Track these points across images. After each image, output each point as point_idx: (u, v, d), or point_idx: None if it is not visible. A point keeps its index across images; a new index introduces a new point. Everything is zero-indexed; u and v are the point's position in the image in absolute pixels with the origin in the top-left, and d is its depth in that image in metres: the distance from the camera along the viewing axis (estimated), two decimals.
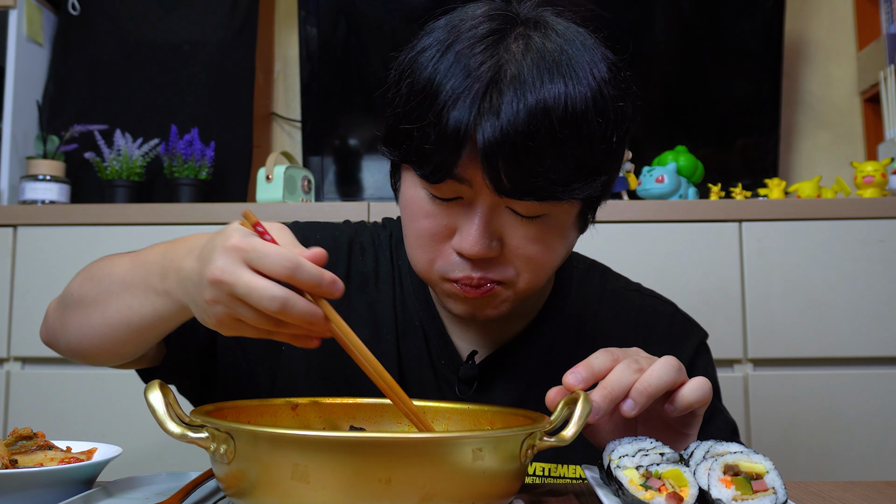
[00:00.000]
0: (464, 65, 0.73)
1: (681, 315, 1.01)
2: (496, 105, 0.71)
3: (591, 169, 0.75)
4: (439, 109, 0.73)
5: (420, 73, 0.76)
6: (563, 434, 0.65)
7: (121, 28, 2.20)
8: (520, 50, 0.74)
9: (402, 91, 0.78)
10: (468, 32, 0.76)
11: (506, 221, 0.78)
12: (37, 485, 0.70)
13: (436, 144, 0.74)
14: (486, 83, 0.72)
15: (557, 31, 0.77)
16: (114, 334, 0.80)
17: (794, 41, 2.33)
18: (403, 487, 0.57)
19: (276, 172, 1.92)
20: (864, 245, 1.74)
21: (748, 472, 0.64)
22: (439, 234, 0.79)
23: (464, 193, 0.77)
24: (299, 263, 0.63)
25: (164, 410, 0.60)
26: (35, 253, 1.83)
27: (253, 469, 0.59)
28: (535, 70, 0.72)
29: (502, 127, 0.71)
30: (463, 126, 0.72)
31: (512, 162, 0.72)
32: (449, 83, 0.73)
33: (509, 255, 0.79)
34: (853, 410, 1.71)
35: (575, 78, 0.73)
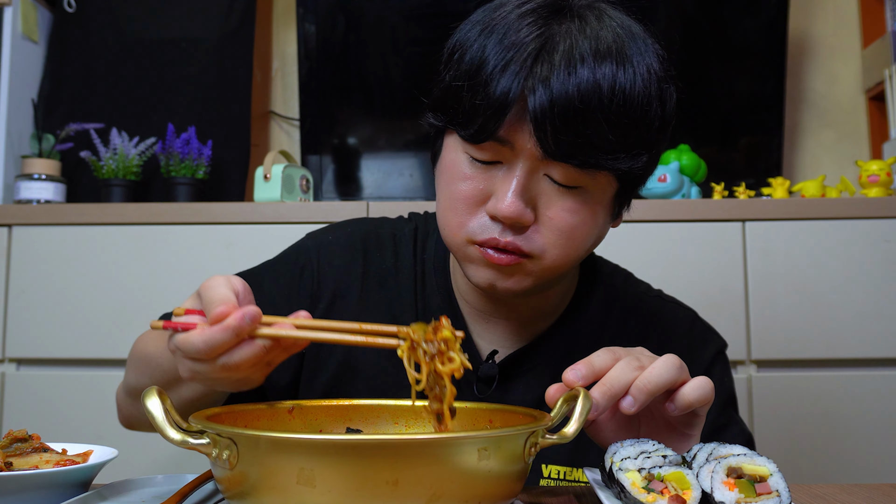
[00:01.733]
0: (514, 34, 0.78)
1: (700, 322, 1.02)
2: (546, 73, 0.75)
3: (633, 143, 0.78)
4: (488, 73, 0.77)
5: (471, 45, 0.80)
6: (565, 431, 0.65)
7: (117, 25, 2.20)
8: (575, 28, 0.78)
9: (453, 62, 0.82)
10: (519, 9, 0.80)
11: (542, 189, 0.80)
12: (32, 487, 0.70)
13: (483, 106, 0.77)
14: (535, 52, 0.76)
15: (612, 17, 0.81)
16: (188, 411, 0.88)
17: (798, 39, 2.33)
18: (410, 489, 0.57)
19: (275, 171, 1.92)
20: (868, 245, 1.74)
21: (751, 475, 0.64)
22: (474, 197, 0.81)
23: (504, 157, 0.80)
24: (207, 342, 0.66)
25: (163, 417, 0.60)
26: (30, 253, 1.83)
27: (256, 474, 0.59)
28: (588, 48, 0.76)
29: (554, 93, 0.75)
30: (512, 90, 0.76)
31: (560, 125, 0.75)
32: (496, 51, 0.78)
33: (541, 226, 0.80)
34: (858, 412, 1.71)
35: (627, 63, 0.77)
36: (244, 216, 1.82)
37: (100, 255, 1.82)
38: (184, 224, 1.82)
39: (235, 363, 0.68)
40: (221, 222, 1.82)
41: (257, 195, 1.93)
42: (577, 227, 0.81)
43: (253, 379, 0.71)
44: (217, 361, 0.68)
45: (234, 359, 0.68)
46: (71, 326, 1.81)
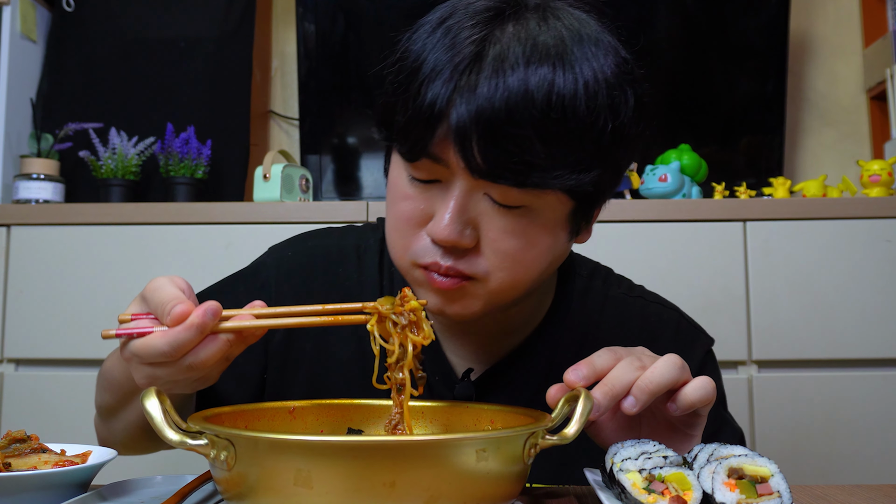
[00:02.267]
0: (450, 40, 0.72)
1: (686, 322, 0.99)
2: (473, 82, 0.70)
3: (578, 159, 0.72)
4: (419, 84, 0.72)
5: (410, 49, 0.75)
6: (566, 432, 0.65)
7: (116, 25, 2.20)
8: (511, 31, 0.72)
9: (394, 68, 0.77)
10: (465, 9, 0.75)
11: (483, 209, 0.74)
12: (31, 488, 0.70)
13: (412, 120, 0.72)
14: (468, 59, 0.71)
15: (561, 18, 0.74)
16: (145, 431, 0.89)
17: (799, 38, 2.33)
18: (408, 490, 0.57)
19: (274, 171, 1.92)
20: (870, 245, 1.74)
21: (753, 476, 0.64)
22: (415, 218, 0.77)
23: (441, 175, 0.75)
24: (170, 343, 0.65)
25: (162, 418, 0.60)
26: (29, 253, 1.83)
27: (254, 475, 0.59)
28: (521, 52, 0.70)
29: (478, 104, 0.69)
30: (438, 101, 0.71)
31: (486, 140, 0.70)
32: (432, 57, 0.72)
33: (484, 248, 0.75)
34: (859, 413, 1.71)
35: (566, 66, 0.70)
36: (243, 216, 1.82)
37: (99, 255, 1.82)
38: (183, 224, 1.82)
39: (201, 361, 0.67)
40: (221, 222, 1.82)
41: (257, 195, 1.93)
42: (521, 250, 0.75)
43: (211, 376, 0.71)
44: (183, 362, 0.67)
45: (201, 357, 0.67)
46: (70, 327, 1.81)
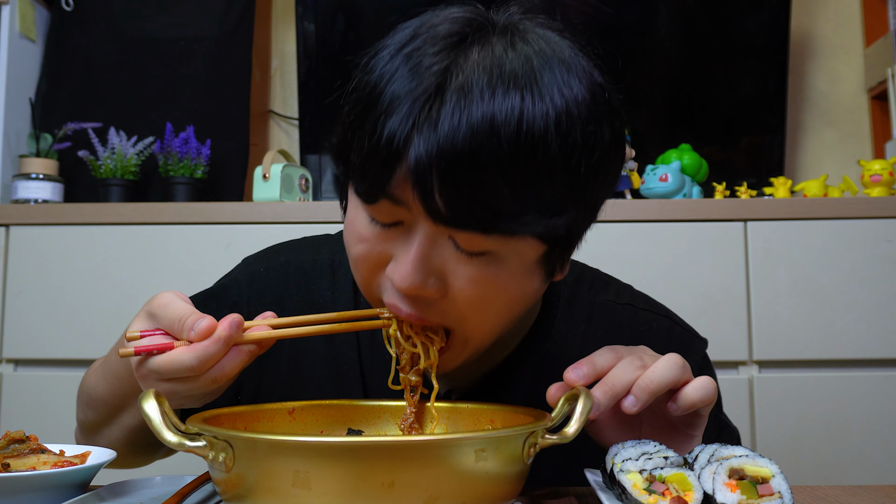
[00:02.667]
0: (410, 69, 0.65)
1: (678, 328, 0.95)
2: (434, 116, 0.63)
3: (550, 202, 0.66)
4: (376, 117, 0.65)
5: (368, 77, 0.68)
6: (565, 431, 0.65)
7: (115, 24, 2.20)
8: (475, 58, 0.65)
9: (351, 96, 0.71)
10: (427, 33, 0.68)
11: (447, 256, 0.68)
12: (29, 489, 0.70)
13: (369, 157, 0.66)
14: (428, 91, 0.64)
15: (529, 40, 0.68)
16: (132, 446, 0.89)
17: (800, 37, 2.33)
18: (407, 491, 0.57)
19: (273, 171, 1.92)
20: (871, 245, 1.74)
21: (754, 476, 0.64)
22: (375, 261, 0.71)
23: (403, 218, 0.68)
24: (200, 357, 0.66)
25: (160, 419, 0.60)
26: (28, 253, 1.83)
27: (253, 476, 0.59)
28: (485, 80, 0.64)
29: (439, 141, 0.62)
30: (396, 138, 0.64)
31: (448, 182, 0.63)
32: (390, 89, 0.65)
33: (452, 297, 0.70)
34: (860, 413, 1.71)
35: (536, 93, 0.64)
36: (243, 216, 1.82)
37: (98, 255, 1.82)
38: (182, 224, 1.82)
39: (225, 373, 0.67)
40: (220, 222, 1.82)
41: (256, 195, 1.93)
42: (488, 300, 0.70)
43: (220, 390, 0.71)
44: (208, 375, 0.67)
45: (225, 369, 0.67)
46: (69, 327, 1.81)
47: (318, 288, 0.92)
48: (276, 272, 0.93)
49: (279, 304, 0.92)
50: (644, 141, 2.10)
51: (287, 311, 0.91)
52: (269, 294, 0.92)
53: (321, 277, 0.92)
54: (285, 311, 0.90)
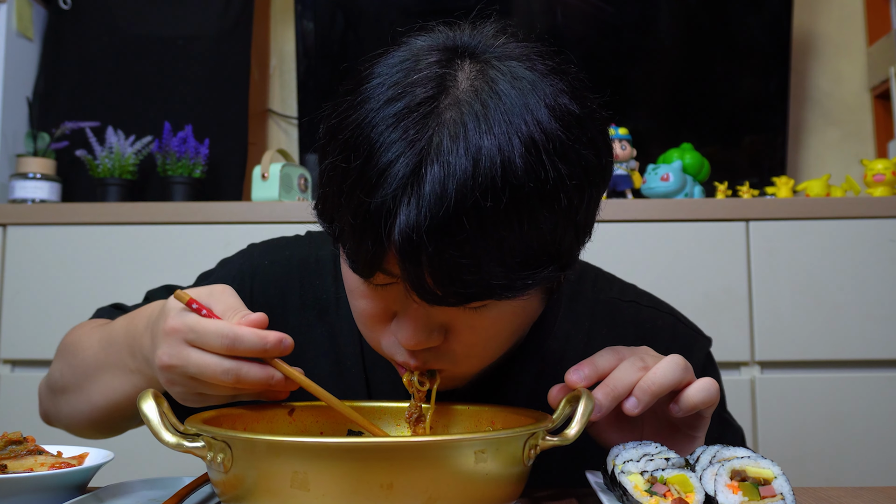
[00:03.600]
0: (394, 139, 0.63)
1: (682, 326, 0.95)
2: (418, 194, 0.61)
3: (541, 256, 0.65)
4: (363, 194, 0.63)
5: (351, 143, 0.65)
6: (567, 433, 0.65)
7: (113, 23, 2.20)
8: (450, 117, 0.63)
9: (332, 161, 0.67)
10: (408, 94, 0.65)
11: (447, 311, 0.68)
12: (27, 490, 0.70)
13: (358, 237, 0.65)
14: (412, 166, 0.62)
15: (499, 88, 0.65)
16: (104, 414, 0.86)
17: (802, 36, 2.33)
18: (405, 492, 0.57)
19: (272, 170, 1.92)
20: (874, 245, 1.74)
21: (755, 478, 0.64)
22: (378, 316, 0.72)
23: (399, 280, 0.67)
24: (237, 336, 0.66)
25: (159, 420, 0.61)
26: (25, 253, 1.83)
27: (251, 477, 0.59)
28: (461, 148, 0.62)
29: (422, 222, 0.61)
30: (384, 218, 0.62)
31: (436, 266, 0.62)
32: (374, 163, 0.63)
33: (454, 343, 0.71)
34: (863, 414, 1.71)
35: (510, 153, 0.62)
36: (242, 216, 1.82)
37: (95, 255, 1.82)
38: (181, 224, 1.82)
39: (245, 377, 0.67)
40: (219, 222, 1.82)
41: (255, 194, 1.93)
42: (492, 338, 0.72)
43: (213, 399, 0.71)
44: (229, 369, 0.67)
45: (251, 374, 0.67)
46: (66, 327, 1.79)
47: (321, 283, 0.92)
48: (281, 266, 0.93)
49: (281, 297, 0.92)
50: (645, 140, 2.10)
51: (289, 305, 0.91)
52: (272, 288, 0.93)
53: (324, 273, 0.92)
54: (287, 306, 0.91)
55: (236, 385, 0.68)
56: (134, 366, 0.79)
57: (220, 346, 0.66)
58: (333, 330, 0.90)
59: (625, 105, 2.13)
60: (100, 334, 0.86)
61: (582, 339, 0.90)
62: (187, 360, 0.68)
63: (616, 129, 1.93)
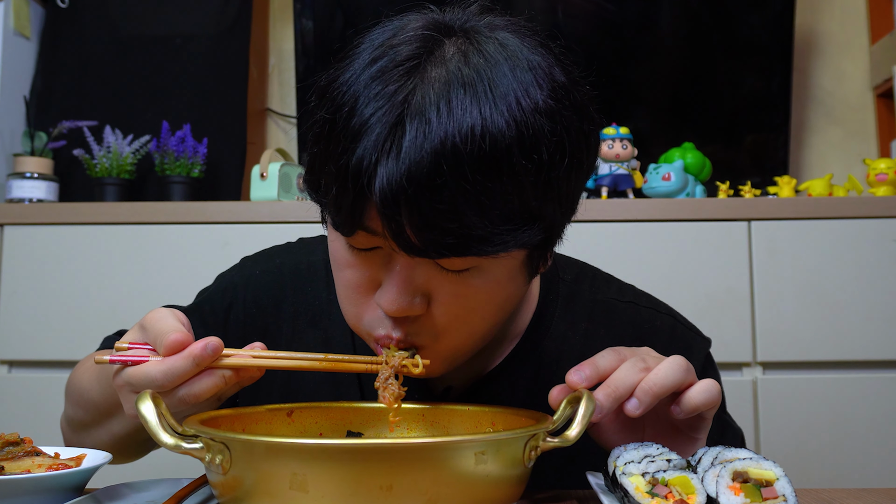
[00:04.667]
0: (377, 93, 0.65)
1: (681, 327, 0.95)
2: (397, 146, 0.63)
3: (522, 214, 0.66)
4: (343, 149, 0.65)
5: (337, 100, 0.67)
6: (567, 434, 0.65)
7: (110, 21, 2.20)
8: (436, 77, 0.65)
9: (317, 121, 0.69)
10: (388, 56, 0.67)
11: (431, 275, 0.69)
12: (24, 492, 0.70)
13: (339, 191, 0.66)
14: (391, 121, 0.63)
15: (485, 50, 0.67)
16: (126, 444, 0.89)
17: (805, 35, 2.33)
18: (405, 494, 0.57)
19: (271, 170, 1.92)
20: (877, 245, 1.74)
21: (758, 479, 0.64)
22: (362, 286, 0.73)
23: (381, 243, 0.69)
24: (167, 372, 0.67)
25: (157, 421, 0.61)
26: (22, 253, 1.83)
27: (250, 479, 0.59)
28: (443, 102, 0.63)
29: (402, 171, 0.62)
30: (364, 170, 0.64)
31: (416, 213, 0.63)
32: (355, 119, 0.65)
33: (435, 312, 0.71)
34: (866, 415, 1.71)
35: (494, 107, 0.63)
36: (240, 215, 1.82)
37: (93, 255, 1.82)
38: (179, 224, 1.82)
39: (195, 394, 0.68)
40: (217, 222, 1.82)
41: (254, 194, 1.93)
42: (474, 310, 0.72)
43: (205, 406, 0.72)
44: (176, 393, 0.68)
45: (194, 390, 0.68)
46: (64, 328, 1.81)
47: (313, 290, 0.93)
48: (272, 275, 0.94)
49: (275, 306, 0.93)
50: (647, 139, 2.10)
51: (283, 313, 0.92)
52: (265, 297, 0.93)
53: (316, 279, 0.93)
54: (281, 314, 0.92)
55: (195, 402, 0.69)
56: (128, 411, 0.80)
57: (160, 387, 0.67)
58: (326, 335, 0.90)
59: (626, 104, 2.13)
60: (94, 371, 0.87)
61: (579, 339, 0.90)
62: None
63: (617, 128, 1.93)
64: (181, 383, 0.68)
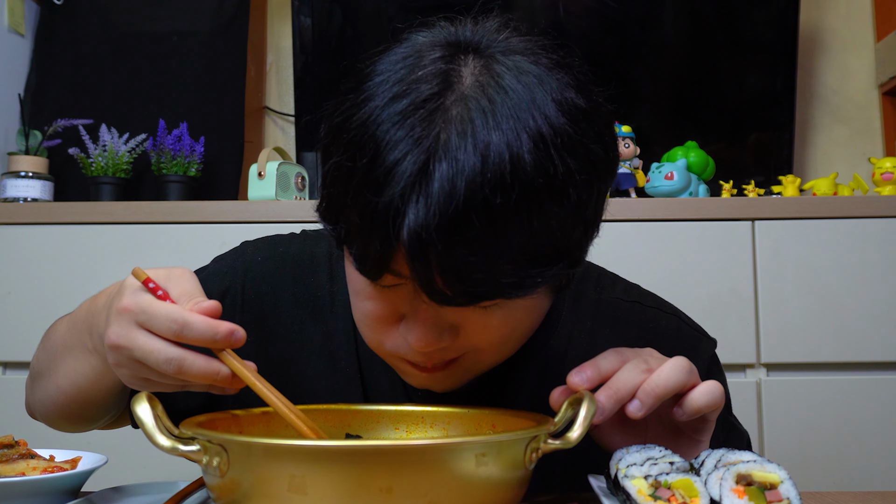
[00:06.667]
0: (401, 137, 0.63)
1: (686, 327, 0.95)
2: (427, 191, 0.62)
3: (551, 254, 0.66)
4: (370, 193, 0.63)
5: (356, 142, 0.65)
6: (569, 436, 0.65)
7: (106, 18, 2.20)
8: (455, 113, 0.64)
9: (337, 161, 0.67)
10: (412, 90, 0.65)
11: (458, 310, 0.68)
12: (18, 495, 0.70)
13: (365, 235, 0.65)
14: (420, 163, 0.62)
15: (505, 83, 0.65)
16: (68, 398, 0.84)
17: (809, 32, 2.33)
18: (405, 496, 0.57)
19: (269, 169, 1.92)
20: (882, 244, 1.74)
21: (762, 482, 0.64)
22: (385, 318, 0.72)
23: (406, 279, 0.67)
24: (186, 322, 0.64)
25: (153, 423, 0.60)
26: (17, 253, 1.83)
27: (248, 481, 0.59)
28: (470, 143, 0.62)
29: (431, 219, 0.61)
30: (392, 216, 0.62)
31: (446, 264, 0.63)
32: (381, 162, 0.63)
33: (465, 342, 0.72)
34: (871, 417, 1.71)
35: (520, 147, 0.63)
36: (238, 215, 1.82)
37: (89, 255, 1.82)
38: (175, 223, 1.82)
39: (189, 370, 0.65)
40: (214, 221, 1.82)
41: (251, 193, 1.93)
42: (507, 335, 0.73)
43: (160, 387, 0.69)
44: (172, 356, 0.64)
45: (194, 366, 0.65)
46: None
47: (315, 281, 0.92)
48: (274, 262, 0.93)
49: (274, 294, 0.92)
50: (649, 138, 2.11)
51: (282, 302, 0.91)
52: (265, 284, 0.92)
53: (319, 271, 0.92)
54: (280, 302, 0.91)
55: (178, 375, 0.66)
56: (91, 345, 0.77)
57: (169, 332, 0.64)
58: (328, 328, 0.89)
59: (628, 102, 2.13)
60: (69, 317, 0.85)
61: (585, 338, 0.90)
62: (134, 342, 0.66)
63: (619, 127, 1.94)
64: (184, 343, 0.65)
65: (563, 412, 0.69)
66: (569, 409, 0.69)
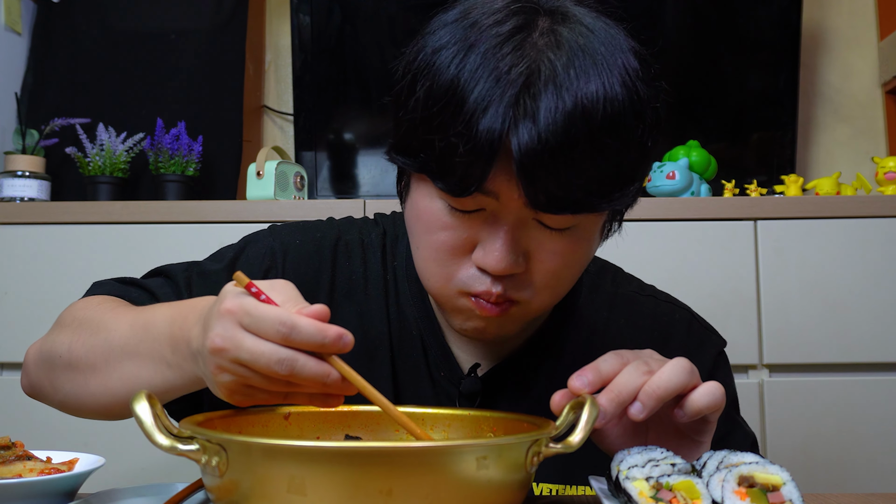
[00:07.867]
0: (492, 67, 0.70)
1: (697, 323, 0.99)
2: (532, 110, 0.69)
3: (628, 176, 0.74)
4: (468, 117, 0.70)
5: (440, 76, 0.72)
6: (570, 440, 0.65)
7: (104, 16, 2.20)
8: (550, 46, 0.72)
9: (418, 95, 0.74)
10: (491, 30, 0.73)
11: (533, 235, 0.76)
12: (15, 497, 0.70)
13: (465, 156, 0.70)
14: (519, 87, 0.69)
15: (585, 23, 0.75)
16: (117, 403, 0.81)
17: (812, 30, 2.33)
18: (405, 498, 0.57)
19: (268, 168, 1.92)
20: (885, 244, 1.74)
21: (764, 484, 0.64)
22: (459, 247, 0.77)
23: (488, 205, 0.74)
24: (294, 325, 0.62)
25: (152, 422, 0.60)
26: (14, 253, 1.83)
27: (247, 482, 0.59)
28: (571, 69, 0.70)
29: (540, 134, 0.68)
30: (496, 135, 0.69)
31: (550, 173, 0.70)
32: (477, 88, 0.70)
33: (531, 271, 0.77)
34: (874, 418, 1.71)
35: (609, 75, 0.71)
36: (236, 215, 1.82)
37: (86, 255, 1.82)
38: (173, 223, 1.82)
39: (301, 371, 0.62)
40: (213, 221, 1.82)
41: (250, 193, 1.93)
42: (568, 267, 0.79)
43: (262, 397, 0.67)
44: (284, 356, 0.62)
45: (307, 368, 0.63)
46: None
47: (350, 265, 0.95)
48: (312, 245, 0.95)
49: (313, 279, 0.94)
50: None
51: (322, 285, 0.94)
52: (305, 266, 0.94)
53: (353, 255, 0.96)
54: (320, 286, 0.94)
55: (290, 378, 0.63)
56: (173, 360, 0.73)
57: (276, 334, 0.62)
58: (362, 310, 0.93)
59: None
60: (132, 318, 0.81)
61: (601, 327, 0.95)
62: (240, 344, 0.63)
63: None
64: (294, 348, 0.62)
65: (565, 416, 0.70)
66: (570, 412, 0.69)
